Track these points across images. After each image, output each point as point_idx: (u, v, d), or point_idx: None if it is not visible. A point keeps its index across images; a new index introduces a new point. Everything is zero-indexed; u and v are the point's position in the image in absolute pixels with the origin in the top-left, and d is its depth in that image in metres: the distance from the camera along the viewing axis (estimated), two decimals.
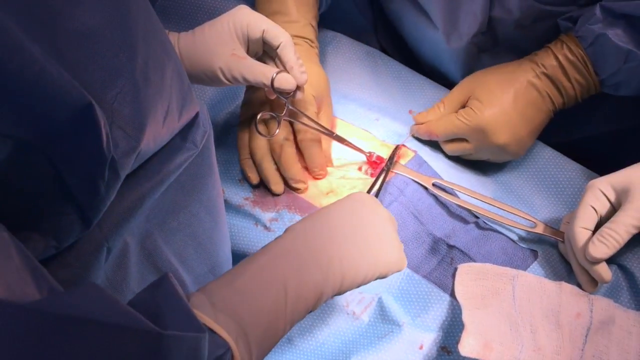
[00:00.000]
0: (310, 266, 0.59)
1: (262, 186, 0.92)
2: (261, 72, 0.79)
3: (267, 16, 0.91)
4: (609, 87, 0.87)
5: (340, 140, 0.90)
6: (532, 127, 0.88)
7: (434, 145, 0.95)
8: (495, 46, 0.96)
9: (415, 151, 0.94)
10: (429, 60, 1.07)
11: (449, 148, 0.92)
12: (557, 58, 0.86)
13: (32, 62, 0.39)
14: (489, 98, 0.86)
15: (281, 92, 0.82)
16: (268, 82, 0.80)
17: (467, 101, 0.90)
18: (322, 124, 0.89)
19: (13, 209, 0.44)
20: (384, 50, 1.13)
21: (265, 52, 0.84)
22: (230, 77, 0.79)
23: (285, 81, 0.80)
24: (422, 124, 0.93)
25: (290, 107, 0.85)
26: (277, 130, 0.86)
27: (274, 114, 0.86)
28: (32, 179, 0.44)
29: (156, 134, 0.52)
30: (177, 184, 0.59)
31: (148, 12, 0.51)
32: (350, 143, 0.91)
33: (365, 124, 0.97)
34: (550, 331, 0.75)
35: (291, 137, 0.89)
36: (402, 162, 0.92)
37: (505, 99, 0.86)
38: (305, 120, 0.87)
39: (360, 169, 0.93)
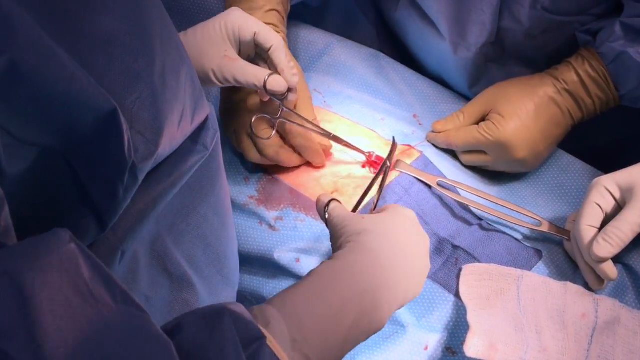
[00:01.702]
0: (378, 300, 0.59)
1: (267, 185, 0.92)
2: (253, 74, 0.80)
3: (233, 3, 0.89)
4: (628, 100, 0.87)
5: (338, 140, 0.90)
6: (550, 142, 0.89)
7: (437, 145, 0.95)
8: (503, 56, 0.96)
9: (421, 152, 0.94)
10: (434, 69, 1.06)
11: (467, 159, 0.93)
12: (578, 74, 0.87)
13: (64, 70, 0.39)
14: (510, 113, 0.87)
15: (274, 95, 0.82)
16: (260, 84, 0.80)
17: (487, 113, 0.90)
18: (304, 117, 0.88)
19: (30, 211, 0.44)
20: None
21: (257, 54, 0.84)
22: (222, 79, 0.80)
23: (276, 83, 0.81)
24: (440, 132, 0.93)
25: (285, 109, 0.85)
26: (274, 132, 0.85)
27: (267, 115, 0.85)
28: (51, 183, 0.44)
29: (172, 137, 0.52)
30: (187, 186, 0.59)
31: (163, 16, 0.52)
32: (349, 143, 0.90)
33: (370, 124, 0.96)
34: (556, 332, 0.75)
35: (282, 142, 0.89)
36: (408, 161, 0.92)
37: (527, 115, 0.87)
38: (299, 121, 0.87)
39: (364, 166, 0.93)
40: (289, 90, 0.83)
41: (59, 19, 0.41)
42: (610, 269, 0.76)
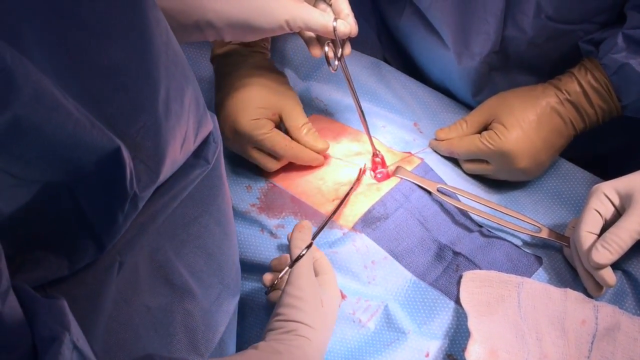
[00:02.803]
0: None
1: (269, 193, 0.92)
2: (322, 18, 0.78)
3: None
4: (631, 111, 0.88)
5: (366, 128, 0.90)
6: (552, 152, 0.89)
7: (439, 152, 0.96)
8: (507, 64, 0.96)
9: (422, 159, 0.94)
10: (437, 78, 1.07)
11: (469, 167, 0.93)
12: (580, 85, 0.87)
13: (68, 119, 0.40)
14: (512, 123, 0.87)
15: (332, 41, 0.81)
16: (329, 29, 0.78)
17: (490, 122, 0.90)
18: (310, 141, 0.91)
19: (31, 232, 0.44)
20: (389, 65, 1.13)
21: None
22: (294, 26, 0.78)
23: (344, 27, 0.79)
24: (442, 140, 0.94)
25: (340, 67, 0.83)
26: (337, 62, 0.83)
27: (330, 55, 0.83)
28: (51, 209, 0.44)
29: (174, 161, 0.53)
30: (188, 197, 0.59)
31: (169, 39, 0.51)
32: (370, 136, 0.91)
33: (371, 131, 0.97)
34: (556, 338, 0.75)
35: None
36: (409, 168, 0.93)
37: (529, 126, 0.87)
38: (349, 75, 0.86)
39: (364, 172, 0.93)
40: (347, 40, 0.82)
41: (65, 50, 0.41)
42: (609, 276, 0.76)
